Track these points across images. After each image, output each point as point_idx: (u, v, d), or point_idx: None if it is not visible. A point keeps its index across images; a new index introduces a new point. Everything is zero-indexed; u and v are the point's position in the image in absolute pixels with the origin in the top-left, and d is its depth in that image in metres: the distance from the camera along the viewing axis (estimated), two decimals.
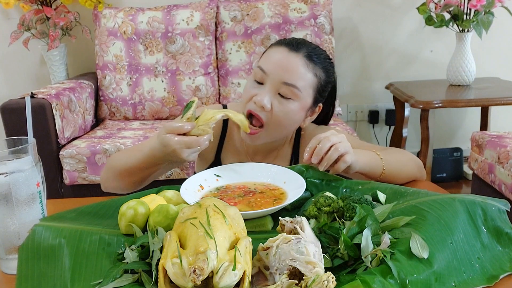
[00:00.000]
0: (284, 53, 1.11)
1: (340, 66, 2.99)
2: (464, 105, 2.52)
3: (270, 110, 1.11)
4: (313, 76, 1.13)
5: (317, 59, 1.14)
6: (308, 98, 1.13)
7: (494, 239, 0.79)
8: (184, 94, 2.62)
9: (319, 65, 1.14)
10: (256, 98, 1.10)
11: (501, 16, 2.63)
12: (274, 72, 1.10)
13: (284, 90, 1.10)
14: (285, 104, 1.11)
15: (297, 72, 1.10)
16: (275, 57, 1.12)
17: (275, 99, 1.11)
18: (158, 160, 1.05)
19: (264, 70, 1.11)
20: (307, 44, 1.15)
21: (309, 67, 1.12)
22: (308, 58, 1.12)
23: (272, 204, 0.91)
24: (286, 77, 1.10)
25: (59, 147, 2.20)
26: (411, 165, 1.15)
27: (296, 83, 1.10)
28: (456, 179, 2.94)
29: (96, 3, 2.70)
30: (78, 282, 0.71)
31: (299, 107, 1.13)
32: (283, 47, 1.13)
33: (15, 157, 0.82)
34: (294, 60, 1.11)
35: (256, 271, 0.69)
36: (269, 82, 1.11)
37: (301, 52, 1.12)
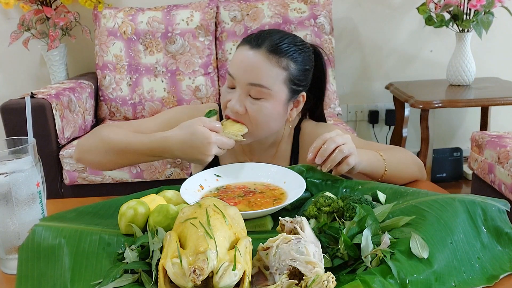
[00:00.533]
0: (246, 52, 1.08)
1: (340, 66, 2.99)
2: (464, 105, 2.53)
3: (245, 112, 1.09)
4: (280, 69, 1.07)
5: (282, 51, 1.07)
6: (282, 93, 1.09)
7: (494, 239, 0.79)
8: (184, 94, 2.62)
9: (285, 56, 1.08)
10: (229, 104, 1.10)
11: (501, 16, 2.63)
12: (239, 75, 1.08)
13: (253, 91, 1.08)
14: (258, 104, 1.08)
15: (260, 70, 1.06)
16: (238, 59, 1.10)
17: (247, 101, 1.09)
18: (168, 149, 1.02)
19: (231, 74, 1.10)
20: (272, 35, 1.10)
21: (272, 61, 1.07)
22: (270, 52, 1.07)
23: (272, 204, 0.91)
24: (250, 78, 1.07)
25: (59, 147, 2.20)
26: (412, 166, 1.15)
27: (261, 82, 1.07)
28: (456, 179, 2.94)
29: (96, 3, 2.70)
30: (78, 282, 0.71)
31: (274, 104, 1.09)
32: (245, 45, 1.10)
33: (15, 157, 0.82)
34: (255, 58, 1.07)
35: (256, 271, 0.69)
36: (238, 86, 1.09)
37: (262, 47, 1.07)
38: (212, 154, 1.00)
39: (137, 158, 1.09)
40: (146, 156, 1.07)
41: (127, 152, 1.07)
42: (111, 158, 1.09)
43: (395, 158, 1.12)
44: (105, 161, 1.10)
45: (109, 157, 1.09)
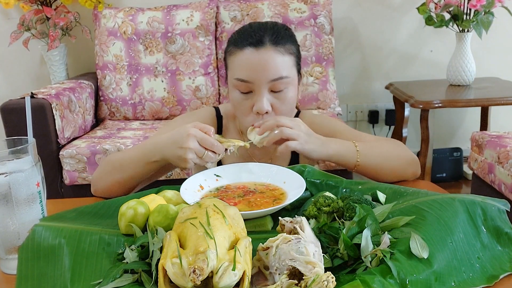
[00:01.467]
0: (253, 54, 1.08)
1: (340, 66, 2.99)
2: (464, 105, 2.53)
3: (272, 109, 1.11)
4: (289, 55, 1.11)
5: (282, 39, 1.11)
6: (295, 76, 1.14)
7: (494, 239, 0.79)
8: (184, 94, 2.62)
9: (287, 42, 1.11)
10: (255, 108, 1.10)
11: (501, 16, 2.63)
12: (257, 77, 1.08)
13: (275, 86, 1.10)
14: (282, 97, 1.11)
15: (276, 63, 1.08)
16: (247, 63, 1.09)
17: (271, 97, 1.11)
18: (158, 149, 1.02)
19: (246, 79, 1.09)
20: (264, 29, 1.11)
21: (281, 51, 1.10)
22: (276, 44, 1.09)
23: (272, 204, 0.91)
24: (270, 75, 1.08)
25: (59, 147, 2.20)
26: (398, 161, 1.11)
27: (282, 74, 1.09)
28: (456, 179, 2.94)
29: (96, 3, 2.70)
30: (78, 282, 0.71)
31: (293, 89, 1.13)
32: (247, 47, 1.09)
33: (15, 157, 0.82)
34: (266, 55, 1.08)
35: (256, 271, 0.69)
36: (256, 88, 1.09)
37: (266, 42, 1.09)
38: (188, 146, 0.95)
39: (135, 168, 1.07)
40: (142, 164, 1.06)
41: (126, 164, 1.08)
42: (116, 177, 1.09)
43: (375, 150, 1.10)
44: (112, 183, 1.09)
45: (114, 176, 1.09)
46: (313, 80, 2.61)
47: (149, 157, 1.05)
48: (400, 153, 1.13)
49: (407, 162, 1.12)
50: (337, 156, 1.07)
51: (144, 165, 1.06)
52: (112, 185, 1.09)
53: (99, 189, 1.12)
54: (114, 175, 1.09)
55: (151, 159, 1.05)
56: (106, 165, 1.13)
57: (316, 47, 2.63)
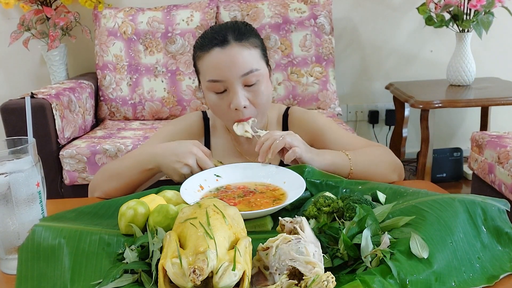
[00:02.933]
0: (220, 53, 1.11)
1: (340, 66, 2.99)
2: (464, 105, 2.52)
3: (249, 104, 1.13)
4: (254, 48, 1.14)
5: (245, 34, 1.13)
6: (264, 68, 1.16)
7: (494, 239, 0.79)
8: (184, 94, 2.62)
9: (251, 37, 1.14)
10: (233, 106, 1.12)
11: (501, 16, 2.63)
12: (229, 74, 1.11)
13: (247, 80, 1.12)
14: (256, 89, 1.13)
15: (244, 58, 1.11)
16: (216, 62, 1.11)
17: (246, 92, 1.13)
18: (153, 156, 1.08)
19: (218, 79, 1.12)
20: (227, 29, 1.14)
21: (246, 46, 1.12)
22: (240, 40, 1.12)
23: (272, 204, 0.91)
24: (240, 70, 1.11)
25: (59, 147, 2.20)
26: (386, 166, 1.16)
27: (251, 67, 1.11)
28: (456, 179, 2.94)
29: (96, 3, 2.70)
30: (78, 282, 0.71)
31: (265, 81, 1.16)
32: (213, 48, 1.11)
33: (15, 157, 0.82)
34: (233, 51, 1.11)
35: (256, 271, 0.69)
36: (230, 85, 1.12)
37: (230, 39, 1.11)
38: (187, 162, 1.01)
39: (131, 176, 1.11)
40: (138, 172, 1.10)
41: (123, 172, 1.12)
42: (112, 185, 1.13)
43: (365, 158, 1.14)
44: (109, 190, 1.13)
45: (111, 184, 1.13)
46: (313, 80, 2.61)
47: (144, 165, 1.09)
48: (387, 158, 1.18)
49: (393, 167, 1.17)
50: (333, 166, 1.09)
51: (140, 173, 1.10)
52: (109, 192, 1.13)
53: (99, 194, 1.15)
54: (111, 183, 1.13)
55: (146, 167, 1.09)
56: (103, 173, 1.17)
57: (316, 47, 2.63)
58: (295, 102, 2.60)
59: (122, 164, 1.15)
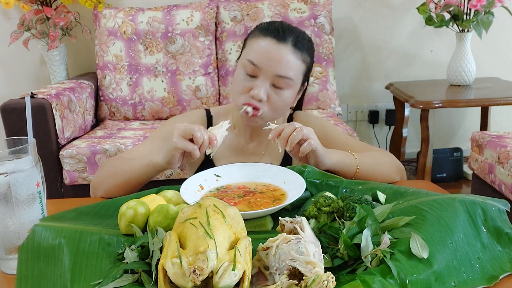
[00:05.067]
0: (272, 45, 1.13)
1: (340, 66, 2.99)
2: (464, 105, 2.52)
3: (267, 100, 1.15)
4: (302, 63, 1.17)
5: (303, 46, 1.16)
6: (299, 83, 1.19)
7: (494, 239, 0.79)
8: (184, 94, 2.62)
9: (306, 51, 1.17)
10: (253, 92, 1.14)
11: (501, 16, 2.63)
12: (266, 66, 1.13)
13: (278, 82, 1.14)
14: (280, 94, 1.16)
15: (288, 63, 1.13)
16: (264, 50, 1.14)
17: (271, 90, 1.15)
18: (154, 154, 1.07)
19: (256, 63, 1.14)
20: (292, 30, 1.17)
21: (297, 55, 1.15)
22: (295, 47, 1.15)
23: (272, 204, 0.91)
24: (278, 70, 1.13)
25: (59, 147, 2.20)
26: (388, 168, 1.18)
27: (288, 75, 1.14)
28: (456, 179, 2.94)
29: (96, 3, 2.70)
30: (78, 282, 0.71)
31: (292, 93, 1.18)
32: (269, 38, 1.14)
33: (15, 157, 0.82)
34: (284, 51, 1.13)
35: (256, 271, 0.69)
36: (262, 75, 1.14)
37: (288, 41, 1.14)
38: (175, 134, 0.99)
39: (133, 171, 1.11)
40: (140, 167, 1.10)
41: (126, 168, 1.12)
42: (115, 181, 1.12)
43: (370, 159, 1.15)
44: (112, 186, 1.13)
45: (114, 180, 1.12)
46: (313, 80, 2.61)
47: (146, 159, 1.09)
48: (391, 161, 1.20)
49: (396, 170, 1.19)
50: (340, 165, 1.10)
51: (142, 167, 1.09)
52: (112, 188, 1.12)
53: (99, 193, 1.15)
54: (114, 179, 1.13)
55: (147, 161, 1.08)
56: (106, 169, 1.17)
57: (316, 47, 2.63)
58: None
59: (124, 160, 1.16)
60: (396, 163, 1.20)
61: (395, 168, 1.18)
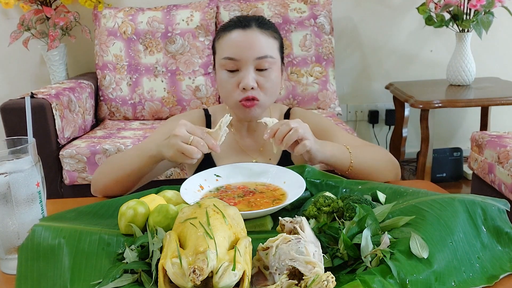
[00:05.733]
0: (241, 34, 1.17)
1: (340, 66, 2.99)
2: (464, 105, 2.52)
3: (258, 86, 1.17)
4: (273, 39, 1.20)
5: (267, 25, 1.20)
6: (279, 60, 1.22)
7: (494, 239, 0.79)
8: (184, 94, 2.62)
9: (271, 29, 1.21)
10: (242, 84, 1.16)
11: (501, 16, 2.63)
12: (244, 54, 1.15)
13: (260, 64, 1.16)
14: (267, 75, 1.18)
15: (262, 43, 1.17)
16: (235, 42, 1.17)
17: (256, 75, 1.17)
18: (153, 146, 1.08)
19: (233, 57, 1.16)
20: (251, 16, 1.22)
21: (266, 34, 1.18)
22: (261, 27, 1.18)
23: (271, 204, 0.91)
24: (256, 53, 1.16)
25: (59, 147, 2.20)
26: (384, 164, 1.18)
27: (267, 53, 1.17)
28: (456, 179, 2.94)
29: (96, 3, 2.70)
30: (78, 282, 0.71)
31: (276, 71, 1.20)
32: (235, 30, 1.18)
33: (15, 157, 0.82)
34: (253, 34, 1.17)
35: (256, 271, 0.69)
36: (243, 65, 1.16)
37: (252, 25, 1.18)
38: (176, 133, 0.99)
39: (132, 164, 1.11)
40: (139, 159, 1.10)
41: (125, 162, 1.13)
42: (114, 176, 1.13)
43: (365, 154, 1.16)
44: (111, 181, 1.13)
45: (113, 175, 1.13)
46: (313, 80, 2.61)
47: (145, 152, 1.10)
48: (385, 156, 1.20)
49: (392, 166, 1.19)
50: (334, 158, 1.10)
51: (141, 161, 1.10)
52: (111, 184, 1.13)
53: (99, 189, 1.15)
54: (113, 174, 1.13)
55: (147, 154, 1.09)
56: (105, 165, 1.19)
57: (316, 47, 2.63)
58: (295, 102, 2.60)
59: (124, 155, 1.18)
60: (391, 160, 1.20)
61: (390, 164, 1.19)
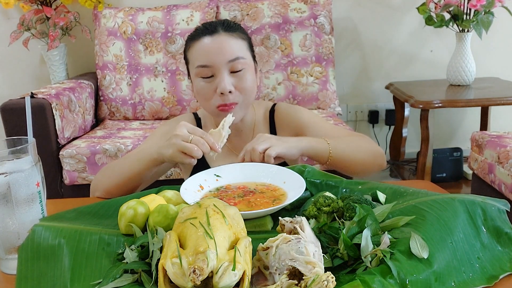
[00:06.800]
0: (209, 41, 1.19)
1: (340, 66, 2.99)
2: (464, 105, 2.52)
3: (235, 89, 1.19)
4: (242, 40, 1.22)
5: (233, 27, 1.22)
6: (250, 60, 1.24)
7: (494, 239, 0.79)
8: (184, 94, 2.62)
9: (238, 30, 1.23)
10: (219, 90, 1.18)
11: (501, 16, 2.63)
12: (216, 59, 1.17)
13: (233, 66, 1.18)
14: (242, 77, 1.20)
15: (231, 46, 1.19)
16: (205, 49, 1.19)
17: (232, 78, 1.19)
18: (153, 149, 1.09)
19: (206, 64, 1.18)
20: (216, 21, 1.24)
21: (233, 36, 1.20)
22: (227, 30, 1.20)
23: (271, 204, 0.91)
24: (227, 56, 1.18)
25: (59, 147, 2.20)
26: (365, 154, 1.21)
27: (238, 54, 1.19)
28: (456, 179, 2.94)
29: (96, 3, 2.70)
30: (78, 282, 0.71)
31: (250, 71, 1.22)
32: (203, 37, 1.20)
33: (15, 157, 0.82)
34: (221, 39, 1.19)
35: (256, 271, 0.69)
36: (217, 70, 1.18)
37: (219, 29, 1.20)
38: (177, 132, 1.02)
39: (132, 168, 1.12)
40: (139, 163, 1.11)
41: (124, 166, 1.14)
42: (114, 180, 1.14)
43: (345, 145, 1.19)
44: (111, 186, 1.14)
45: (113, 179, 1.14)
46: (313, 80, 2.61)
47: (146, 155, 1.10)
48: (368, 146, 1.23)
49: (374, 155, 1.22)
50: (311, 150, 1.13)
51: (141, 164, 1.11)
52: (112, 189, 1.13)
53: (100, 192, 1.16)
54: (113, 178, 1.14)
55: (147, 157, 1.10)
56: (105, 170, 1.20)
57: (316, 47, 2.63)
58: (295, 102, 2.60)
59: (124, 160, 1.19)
60: (373, 148, 1.22)
61: (372, 153, 1.21)
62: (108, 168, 1.21)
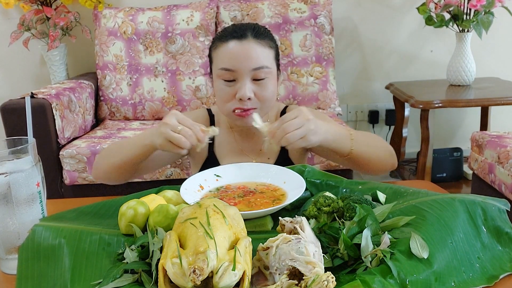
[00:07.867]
0: (237, 45, 1.18)
1: (340, 66, 2.99)
2: (464, 105, 2.52)
3: (254, 96, 1.18)
4: (269, 49, 1.21)
5: (263, 34, 1.21)
6: (275, 69, 1.24)
7: (494, 239, 0.79)
8: (184, 94, 2.62)
9: (267, 38, 1.22)
10: (238, 95, 1.17)
11: (501, 16, 2.63)
12: (240, 66, 1.17)
13: (256, 74, 1.18)
14: (263, 85, 1.19)
15: (258, 54, 1.18)
16: (231, 53, 1.18)
17: (253, 86, 1.19)
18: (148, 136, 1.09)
19: (230, 68, 1.18)
20: (246, 26, 1.22)
21: (262, 44, 1.19)
22: (257, 37, 1.19)
23: (271, 204, 0.91)
24: (252, 64, 1.17)
25: (59, 147, 2.20)
26: (383, 150, 1.20)
27: (263, 64, 1.18)
28: (456, 179, 2.94)
29: (96, 3, 2.70)
30: (78, 282, 0.71)
31: (273, 80, 1.22)
32: (231, 40, 1.19)
33: (15, 157, 0.82)
34: (249, 45, 1.18)
35: (256, 271, 0.69)
36: (240, 76, 1.18)
37: (248, 35, 1.19)
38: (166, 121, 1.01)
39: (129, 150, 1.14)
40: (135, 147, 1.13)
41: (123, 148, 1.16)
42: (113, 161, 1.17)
43: (365, 140, 1.18)
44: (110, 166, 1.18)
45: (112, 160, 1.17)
46: (313, 80, 2.61)
47: (140, 140, 1.12)
48: (384, 145, 1.23)
49: (390, 154, 1.21)
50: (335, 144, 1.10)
51: (136, 148, 1.12)
52: (111, 169, 1.17)
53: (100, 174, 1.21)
54: (112, 159, 1.17)
55: (141, 142, 1.11)
56: (105, 151, 1.23)
57: (316, 47, 2.63)
58: (295, 102, 2.60)
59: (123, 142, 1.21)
60: (389, 149, 1.22)
61: (388, 151, 1.21)
62: (108, 149, 1.23)
